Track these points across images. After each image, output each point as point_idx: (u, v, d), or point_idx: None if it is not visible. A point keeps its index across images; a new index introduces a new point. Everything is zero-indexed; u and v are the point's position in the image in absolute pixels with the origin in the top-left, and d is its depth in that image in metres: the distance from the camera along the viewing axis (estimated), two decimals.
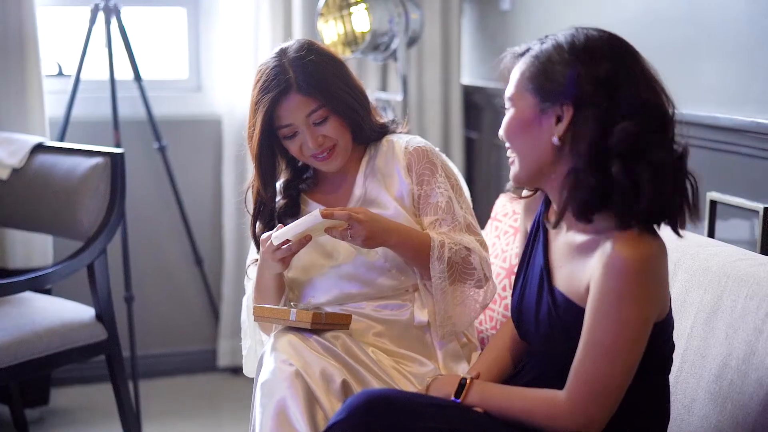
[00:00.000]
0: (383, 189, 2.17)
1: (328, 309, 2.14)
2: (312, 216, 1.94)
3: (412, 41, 3.47)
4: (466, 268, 2.09)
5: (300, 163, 2.24)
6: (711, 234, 2.48)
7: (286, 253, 2.01)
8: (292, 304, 2.07)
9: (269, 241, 2.01)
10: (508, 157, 1.74)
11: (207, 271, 3.92)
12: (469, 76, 3.99)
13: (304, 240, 2.00)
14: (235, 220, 3.81)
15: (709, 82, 2.52)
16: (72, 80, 3.49)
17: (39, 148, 3.11)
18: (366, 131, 2.17)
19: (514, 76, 1.69)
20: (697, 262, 2.03)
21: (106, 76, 3.47)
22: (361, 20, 3.32)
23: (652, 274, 1.59)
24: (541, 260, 1.79)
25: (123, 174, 2.95)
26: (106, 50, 3.46)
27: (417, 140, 2.21)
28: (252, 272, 2.20)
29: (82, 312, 2.90)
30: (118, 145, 3.42)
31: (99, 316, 2.88)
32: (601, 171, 1.58)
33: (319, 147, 2.10)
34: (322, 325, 1.98)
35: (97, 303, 2.88)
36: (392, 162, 2.18)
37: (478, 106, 3.88)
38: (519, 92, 1.68)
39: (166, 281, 3.96)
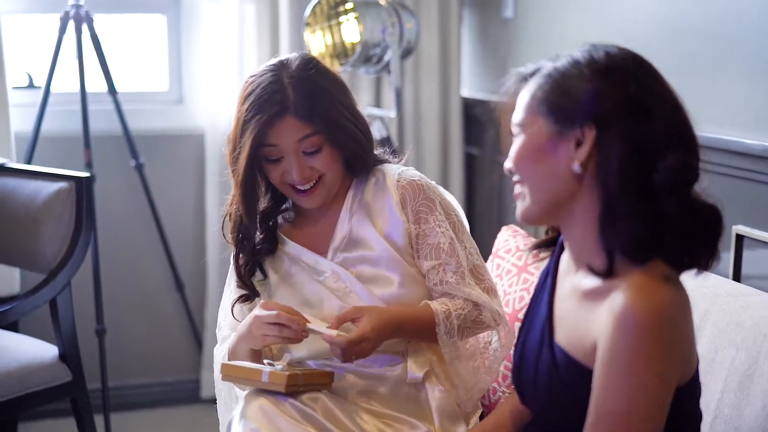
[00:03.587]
0: (370, 225, 1.94)
1: (311, 363, 1.92)
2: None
3: (406, 52, 3.25)
4: (478, 328, 1.94)
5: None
6: (737, 272, 2.27)
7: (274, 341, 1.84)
8: (266, 362, 1.84)
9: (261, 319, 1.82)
10: (516, 193, 1.50)
11: (189, 296, 3.71)
12: (469, 89, 3.78)
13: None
14: (219, 241, 3.57)
15: (734, 103, 2.30)
16: (41, 93, 3.26)
17: None
18: (366, 164, 1.95)
19: (523, 99, 1.47)
20: (727, 316, 1.79)
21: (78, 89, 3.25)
22: (351, 30, 3.09)
23: (670, 330, 1.35)
24: (545, 310, 1.56)
25: (90, 200, 2.73)
26: (77, 61, 3.22)
27: (410, 173, 1.97)
28: (226, 326, 2.00)
29: (44, 351, 2.68)
30: (89, 165, 3.21)
31: (63, 356, 2.66)
32: (642, 200, 1.36)
33: (304, 180, 1.87)
34: (300, 387, 1.77)
35: (60, 342, 2.66)
36: (382, 196, 1.95)
37: (479, 120, 3.66)
38: (529, 116, 1.45)
39: (145, 308, 3.75)
